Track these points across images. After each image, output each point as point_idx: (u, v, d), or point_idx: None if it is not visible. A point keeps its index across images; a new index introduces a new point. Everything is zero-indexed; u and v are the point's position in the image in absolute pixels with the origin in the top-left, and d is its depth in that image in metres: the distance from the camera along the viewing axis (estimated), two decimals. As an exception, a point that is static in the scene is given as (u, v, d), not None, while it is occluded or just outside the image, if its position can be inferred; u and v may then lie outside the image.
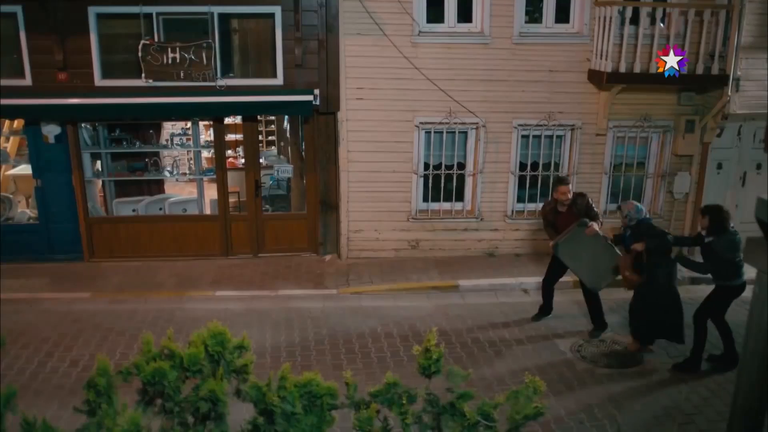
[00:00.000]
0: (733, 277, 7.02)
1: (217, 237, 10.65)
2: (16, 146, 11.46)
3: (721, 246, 6.89)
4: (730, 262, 6.93)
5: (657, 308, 7.41)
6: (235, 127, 11.99)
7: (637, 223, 7.47)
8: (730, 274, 7.02)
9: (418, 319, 8.68)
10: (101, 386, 2.76)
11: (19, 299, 9.12)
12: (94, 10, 9.42)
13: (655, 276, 7.30)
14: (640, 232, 7.40)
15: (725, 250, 6.87)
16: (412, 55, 9.74)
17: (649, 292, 7.40)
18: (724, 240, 6.90)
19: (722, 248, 6.88)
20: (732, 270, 6.99)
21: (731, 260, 6.91)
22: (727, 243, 6.89)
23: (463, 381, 3.10)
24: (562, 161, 10.53)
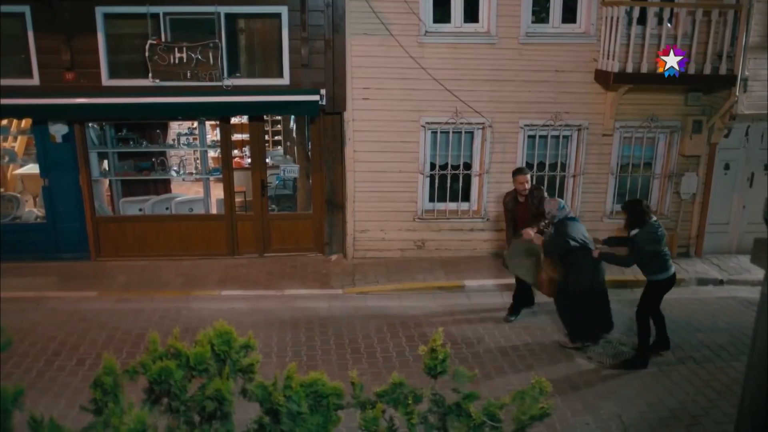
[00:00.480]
0: (659, 271, 7.19)
1: (223, 236, 10.67)
2: (23, 146, 11.50)
3: (642, 238, 7.04)
4: (656, 256, 7.10)
5: (585, 306, 7.58)
6: (241, 126, 12.00)
7: (559, 221, 7.53)
8: (656, 268, 7.18)
9: (424, 319, 8.67)
10: (108, 385, 2.77)
11: (26, 298, 9.16)
12: (102, 10, 9.45)
13: (580, 269, 7.42)
14: (557, 229, 7.52)
15: (646, 242, 7.02)
16: (418, 55, 9.74)
17: (575, 291, 7.54)
18: (644, 232, 7.05)
19: (643, 240, 7.03)
20: (658, 264, 7.16)
21: (656, 253, 7.08)
22: (647, 235, 7.03)
23: (468, 381, 3.09)
24: (568, 161, 10.51)
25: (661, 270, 7.21)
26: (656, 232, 7.09)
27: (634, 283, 9.72)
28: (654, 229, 7.09)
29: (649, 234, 7.07)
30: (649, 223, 7.09)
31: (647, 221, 7.10)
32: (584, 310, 7.63)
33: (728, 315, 8.93)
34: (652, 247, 7.06)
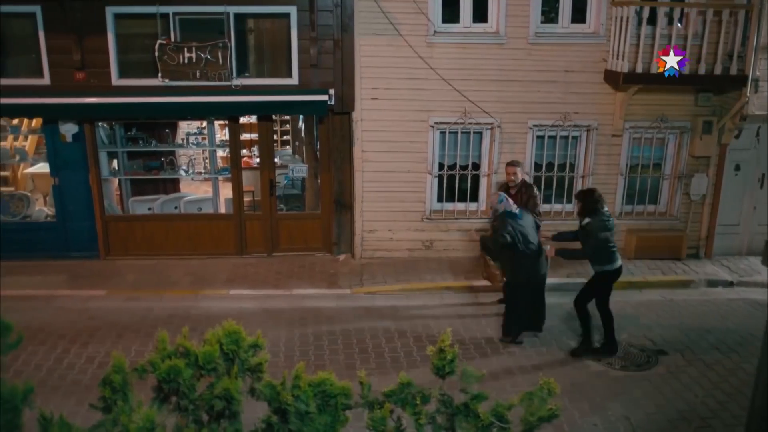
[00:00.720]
0: (607, 262, 7.38)
1: (231, 236, 10.69)
2: (34, 145, 11.56)
3: (594, 225, 7.21)
4: (605, 247, 7.27)
5: (521, 301, 7.78)
6: (250, 126, 12.03)
7: (502, 216, 7.67)
8: (605, 259, 7.36)
9: (432, 319, 8.67)
10: (117, 383, 2.78)
11: (36, 296, 9.22)
12: (112, 10, 9.49)
13: (521, 264, 7.61)
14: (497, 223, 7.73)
15: (598, 230, 7.19)
16: (427, 55, 9.73)
17: (517, 284, 7.76)
18: (596, 220, 7.22)
19: (595, 228, 7.20)
20: (606, 255, 7.34)
21: (605, 242, 7.25)
22: (599, 223, 7.21)
23: (476, 382, 3.09)
24: (577, 162, 10.48)
25: (609, 261, 7.39)
26: (607, 221, 7.27)
27: (643, 284, 9.72)
28: (606, 218, 7.27)
29: (601, 222, 7.23)
30: (601, 212, 7.27)
31: (599, 210, 7.27)
32: (520, 306, 7.82)
33: (738, 317, 8.88)
34: (603, 234, 7.22)
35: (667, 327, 8.49)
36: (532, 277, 7.71)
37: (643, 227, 10.64)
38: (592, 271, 7.61)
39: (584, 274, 9.85)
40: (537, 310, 7.91)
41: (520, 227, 7.58)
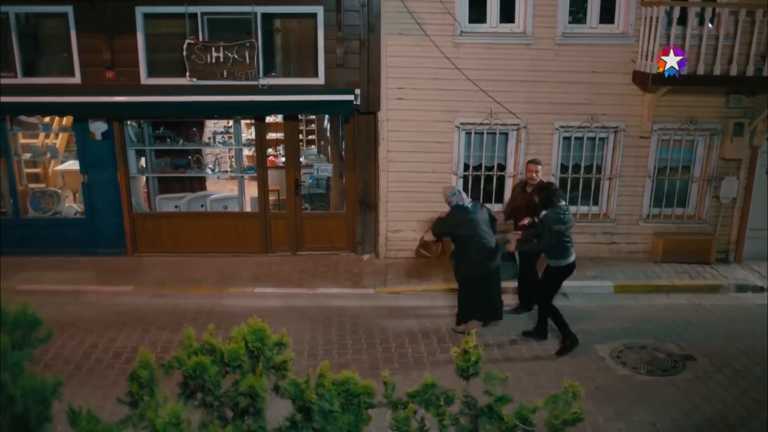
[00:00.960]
0: (561, 256, 7.54)
1: (256, 234, 10.77)
2: (64, 142, 11.76)
3: (549, 217, 7.39)
4: (560, 241, 7.44)
5: (472, 292, 7.96)
6: (276, 125, 12.11)
7: (453, 208, 7.91)
8: (559, 253, 7.53)
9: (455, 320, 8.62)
10: (144, 378, 2.81)
11: (65, 291, 9.38)
12: (142, 10, 9.61)
13: (474, 258, 7.77)
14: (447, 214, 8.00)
15: (552, 221, 7.36)
16: (453, 55, 9.70)
17: (466, 276, 7.93)
18: (552, 212, 7.40)
19: (550, 219, 7.38)
20: (560, 249, 7.52)
21: (560, 236, 7.41)
22: (554, 215, 7.38)
23: (500, 384, 3.07)
24: (604, 164, 10.37)
25: (563, 256, 7.55)
26: (563, 214, 7.45)
27: (670, 288, 9.59)
28: (561, 211, 7.45)
29: (557, 214, 7.40)
30: (557, 205, 7.44)
31: (555, 203, 7.44)
32: (471, 297, 7.99)
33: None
34: (558, 227, 7.38)
35: (695, 332, 8.36)
36: (481, 270, 7.81)
37: (670, 230, 10.49)
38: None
39: (607, 277, 9.78)
40: (492, 301, 8.04)
41: (470, 220, 7.77)
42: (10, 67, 9.81)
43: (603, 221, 10.50)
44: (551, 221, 7.39)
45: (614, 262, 10.37)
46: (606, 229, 10.52)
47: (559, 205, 7.44)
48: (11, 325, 2.77)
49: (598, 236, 10.55)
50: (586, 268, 10.14)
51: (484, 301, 8.00)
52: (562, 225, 7.41)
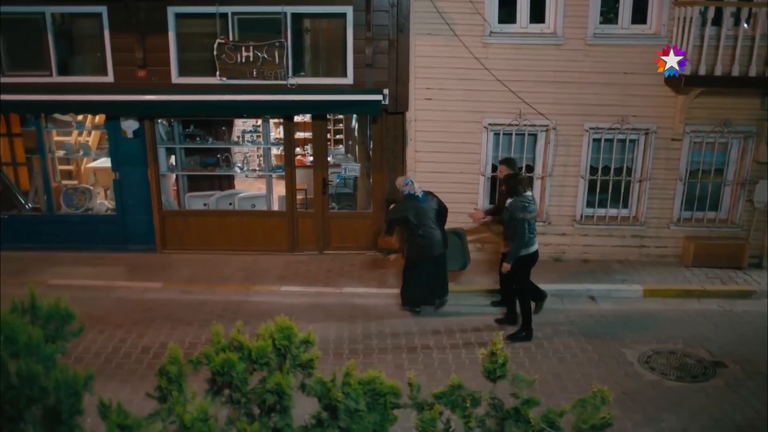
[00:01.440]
0: (525, 245, 7.83)
1: (284, 233, 10.83)
2: (97, 140, 11.96)
3: (513, 205, 7.76)
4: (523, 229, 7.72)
5: (418, 276, 8.51)
6: (304, 125, 12.16)
7: (405, 197, 8.45)
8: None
9: (482, 322, 8.59)
10: (173, 374, 2.84)
11: (96, 286, 9.54)
12: (174, 10, 9.73)
13: (421, 244, 8.36)
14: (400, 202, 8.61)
15: (517, 210, 7.71)
16: (482, 55, 9.65)
17: (414, 261, 8.51)
18: (516, 201, 7.74)
19: (514, 207, 7.74)
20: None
21: (522, 224, 7.70)
22: (519, 203, 7.72)
23: (528, 386, 3.05)
24: (635, 166, 10.23)
25: (526, 245, 7.83)
26: (527, 203, 7.76)
27: (701, 293, 9.43)
28: (526, 201, 7.76)
29: (521, 203, 7.73)
30: (523, 195, 7.77)
31: (520, 192, 7.77)
32: (417, 280, 8.54)
33: (802, 330, 8.53)
34: (522, 214, 7.69)
35: (726, 338, 8.21)
36: (427, 254, 8.41)
37: (702, 234, 10.31)
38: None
39: (637, 281, 9.65)
40: (437, 283, 8.63)
41: (420, 209, 8.33)
42: (45, 66, 10.00)
43: (632, 224, 10.37)
44: (516, 209, 7.73)
45: (644, 266, 10.24)
46: (635, 232, 10.39)
47: (524, 194, 7.77)
48: (45, 319, 2.82)
49: (627, 239, 10.42)
50: (614, 271, 10.03)
51: (430, 284, 8.58)
52: (527, 213, 7.72)
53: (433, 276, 8.55)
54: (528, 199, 7.79)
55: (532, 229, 7.85)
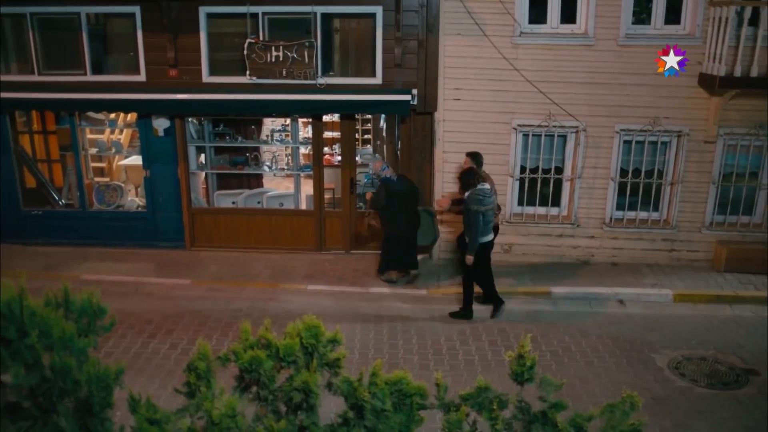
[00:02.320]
0: (481, 235, 8.23)
1: (311, 232, 10.88)
2: (128, 138, 12.14)
3: (469, 197, 8.14)
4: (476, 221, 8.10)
5: (396, 249, 9.51)
6: (332, 124, 12.19)
7: (381, 180, 9.33)
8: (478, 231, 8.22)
9: (508, 323, 8.54)
10: (201, 370, 2.87)
11: (126, 282, 9.69)
12: (205, 10, 9.83)
13: (396, 222, 9.33)
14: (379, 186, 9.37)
15: (471, 202, 8.10)
16: (512, 56, 9.59)
17: (390, 236, 9.48)
18: (472, 194, 8.12)
19: (469, 199, 8.13)
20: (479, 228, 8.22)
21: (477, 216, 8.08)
22: (474, 196, 8.11)
23: (555, 390, 3.01)
24: (666, 168, 10.08)
25: (482, 234, 8.23)
26: (482, 195, 8.11)
27: (733, 299, 9.26)
28: (482, 194, 8.12)
29: (477, 196, 8.09)
30: (477, 188, 8.14)
31: (475, 185, 8.14)
32: (394, 252, 9.55)
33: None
34: (476, 206, 8.07)
35: (759, 345, 8.04)
36: (403, 232, 9.41)
37: (735, 239, 10.12)
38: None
39: (667, 285, 9.51)
40: (409, 256, 9.64)
41: (394, 191, 9.19)
42: (80, 65, 10.18)
43: (663, 228, 10.22)
44: (471, 201, 8.12)
45: (674, 270, 10.08)
46: (666, 236, 10.24)
47: (479, 187, 8.14)
48: (78, 313, 2.87)
49: (657, 243, 10.27)
50: (644, 275, 9.90)
51: (404, 256, 9.60)
52: (481, 206, 8.08)
53: (405, 250, 9.54)
54: (484, 192, 8.15)
55: (486, 220, 8.22)
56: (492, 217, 8.34)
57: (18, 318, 2.59)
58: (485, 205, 8.14)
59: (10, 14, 10.21)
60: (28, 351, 2.58)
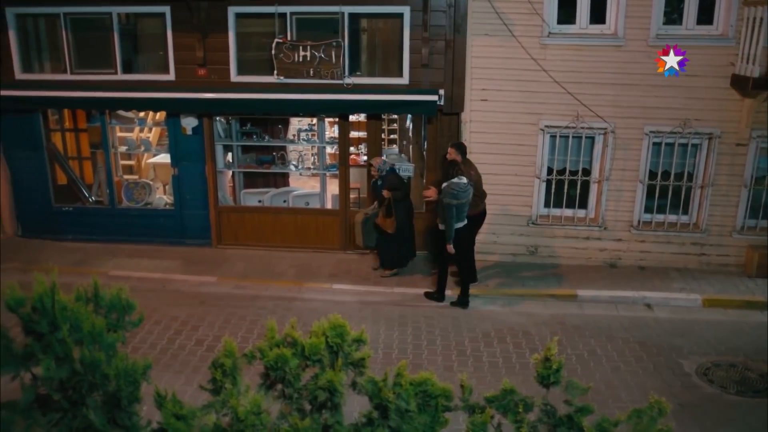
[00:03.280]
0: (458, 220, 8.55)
1: (336, 231, 10.91)
2: (157, 136, 12.28)
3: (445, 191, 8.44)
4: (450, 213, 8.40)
5: (400, 239, 9.59)
6: (358, 124, 12.22)
7: (386, 173, 9.52)
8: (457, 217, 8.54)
9: (533, 326, 8.48)
10: (227, 367, 2.89)
11: (154, 279, 9.80)
12: (234, 10, 9.90)
13: (398, 214, 9.40)
14: (388, 181, 9.43)
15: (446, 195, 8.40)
16: (540, 56, 9.52)
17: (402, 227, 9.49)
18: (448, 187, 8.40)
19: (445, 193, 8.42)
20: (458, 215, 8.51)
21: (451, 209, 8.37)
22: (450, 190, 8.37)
23: (582, 394, 2.98)
24: (696, 171, 9.92)
25: (457, 221, 8.54)
26: (456, 190, 8.35)
27: (765, 305, 9.08)
28: (456, 188, 8.35)
29: (452, 190, 8.35)
30: (453, 181, 8.37)
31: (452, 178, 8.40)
32: (397, 244, 9.68)
33: None
34: (447, 200, 8.38)
35: (791, 352, 7.89)
36: (408, 222, 9.70)
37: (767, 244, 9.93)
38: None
39: (696, 290, 9.36)
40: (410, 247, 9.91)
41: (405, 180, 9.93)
42: (111, 64, 10.33)
43: (692, 231, 10.06)
44: (445, 194, 8.41)
45: (703, 275, 9.92)
46: (695, 239, 10.08)
47: (454, 181, 8.38)
48: (107, 308, 2.91)
49: (686, 247, 10.12)
50: (672, 279, 9.76)
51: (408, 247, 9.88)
52: (454, 200, 8.36)
53: (409, 239, 9.82)
54: (459, 187, 8.37)
55: (460, 212, 8.51)
56: (466, 208, 8.60)
57: (50, 312, 2.63)
58: (458, 199, 8.40)
59: (45, 14, 10.40)
60: (59, 344, 2.63)
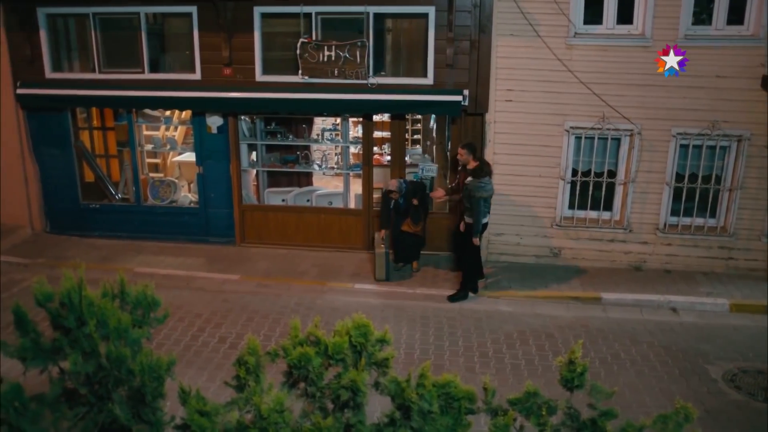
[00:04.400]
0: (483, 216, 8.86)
1: (359, 231, 10.93)
2: (182, 135, 12.40)
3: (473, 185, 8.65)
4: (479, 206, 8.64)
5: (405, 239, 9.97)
6: (382, 124, 12.20)
7: (408, 188, 9.70)
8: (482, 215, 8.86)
9: (556, 328, 8.41)
10: (251, 364, 2.91)
11: (178, 276, 9.90)
12: (259, 10, 9.96)
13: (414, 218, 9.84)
14: (415, 189, 9.73)
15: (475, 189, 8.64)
16: (565, 57, 9.45)
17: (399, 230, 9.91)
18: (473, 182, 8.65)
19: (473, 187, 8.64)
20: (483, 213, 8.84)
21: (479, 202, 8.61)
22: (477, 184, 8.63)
23: (606, 398, 2.95)
24: (724, 174, 9.77)
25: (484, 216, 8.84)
26: (484, 184, 8.64)
27: (793, 311, 8.91)
28: (484, 182, 8.66)
29: (479, 184, 8.61)
30: (481, 179, 8.64)
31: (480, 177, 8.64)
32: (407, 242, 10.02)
33: None
34: (478, 193, 8.62)
35: (821, 359, 7.73)
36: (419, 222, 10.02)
37: (797, 248, 9.75)
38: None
39: (723, 295, 9.22)
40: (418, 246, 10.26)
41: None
42: (138, 63, 10.45)
43: (720, 235, 9.91)
44: (474, 189, 8.63)
45: (731, 279, 9.77)
46: (723, 243, 9.93)
47: (482, 178, 8.66)
48: (133, 305, 2.95)
49: (713, 250, 9.97)
50: (698, 283, 9.62)
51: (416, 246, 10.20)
52: (483, 192, 8.64)
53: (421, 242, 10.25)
54: (485, 181, 8.68)
55: (487, 205, 8.85)
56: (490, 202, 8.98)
57: (77, 307, 2.67)
58: (486, 192, 8.72)
59: (74, 14, 10.57)
60: (86, 339, 2.66)
